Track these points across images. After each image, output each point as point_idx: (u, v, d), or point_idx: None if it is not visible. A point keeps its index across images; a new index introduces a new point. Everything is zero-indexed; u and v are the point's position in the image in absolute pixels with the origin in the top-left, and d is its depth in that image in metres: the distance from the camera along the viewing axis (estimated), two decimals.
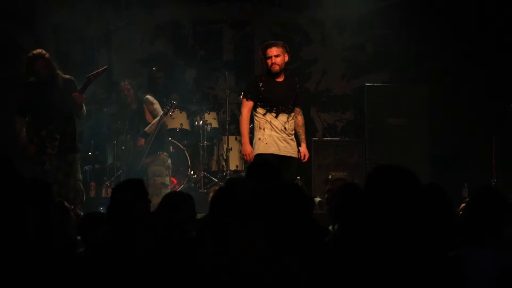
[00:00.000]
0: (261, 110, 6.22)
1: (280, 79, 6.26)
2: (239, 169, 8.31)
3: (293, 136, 6.29)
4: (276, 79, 6.24)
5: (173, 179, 7.72)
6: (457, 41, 8.63)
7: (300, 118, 6.39)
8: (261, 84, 6.21)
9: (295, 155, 6.25)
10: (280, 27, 9.53)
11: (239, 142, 8.23)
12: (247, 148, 6.13)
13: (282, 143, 6.18)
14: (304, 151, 6.30)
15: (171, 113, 7.54)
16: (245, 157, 6.17)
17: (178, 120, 8.47)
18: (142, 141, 7.26)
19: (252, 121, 6.30)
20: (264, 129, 6.18)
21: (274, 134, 6.16)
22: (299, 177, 7.65)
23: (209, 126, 8.50)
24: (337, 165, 8.17)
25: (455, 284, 2.86)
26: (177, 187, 7.99)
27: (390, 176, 2.84)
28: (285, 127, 6.20)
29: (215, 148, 8.70)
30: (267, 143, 6.14)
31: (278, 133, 6.17)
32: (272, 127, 6.17)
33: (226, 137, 8.42)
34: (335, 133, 9.38)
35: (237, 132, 8.59)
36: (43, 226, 3.39)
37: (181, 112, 8.49)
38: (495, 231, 3.05)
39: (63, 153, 6.21)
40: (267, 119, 6.19)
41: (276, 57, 6.15)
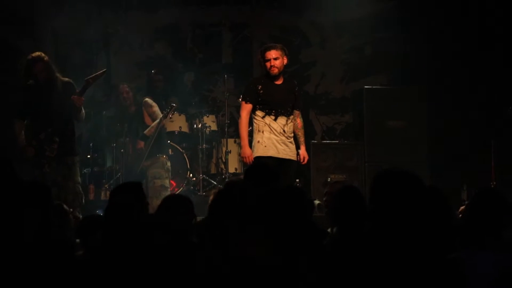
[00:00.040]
0: (260, 113, 6.22)
1: (279, 82, 6.27)
2: (238, 171, 8.30)
3: (292, 138, 6.28)
4: (275, 82, 6.25)
5: (172, 182, 7.71)
6: (456, 43, 8.62)
7: (299, 120, 6.39)
8: (260, 86, 6.21)
9: (294, 157, 6.25)
10: (279, 30, 9.53)
11: (238, 144, 8.23)
12: (247, 150, 6.13)
13: (281, 145, 6.18)
14: (304, 153, 6.30)
15: (170, 116, 7.53)
16: (244, 159, 6.17)
17: (177, 123, 8.47)
18: (141, 144, 7.25)
19: (251, 123, 6.30)
20: (263, 131, 6.18)
21: (273, 137, 6.16)
22: (298, 179, 7.64)
23: (208, 129, 8.49)
24: (336, 168, 8.16)
25: (454, 286, 2.86)
26: (176, 190, 7.98)
27: (395, 180, 2.84)
28: (284, 130, 6.20)
29: (214, 151, 8.70)
30: (266, 146, 6.14)
31: (277, 136, 6.17)
32: (271, 129, 6.17)
33: (225, 140, 8.41)
34: (334, 136, 9.37)
35: (236, 135, 8.59)
36: (42, 228, 3.39)
37: (180, 115, 8.48)
38: (495, 233, 3.04)
39: (62, 156, 6.21)
40: (266, 122, 6.19)
41: (275, 60, 6.15)
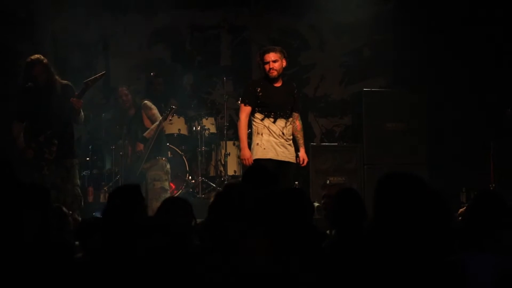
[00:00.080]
0: (259, 115, 6.22)
1: (278, 84, 6.27)
2: (237, 174, 8.30)
3: (291, 141, 6.29)
4: (274, 84, 6.25)
5: (171, 184, 7.70)
6: (455, 45, 8.62)
7: (298, 123, 6.40)
8: (259, 89, 6.21)
9: (293, 160, 6.25)
10: (278, 33, 9.53)
11: (237, 147, 8.24)
12: (246, 152, 6.13)
13: (280, 148, 6.18)
14: (303, 155, 6.30)
15: (170, 118, 7.53)
16: (244, 161, 6.17)
17: (176, 126, 8.48)
18: (141, 146, 7.25)
19: (250, 126, 6.30)
20: (262, 134, 6.18)
21: (272, 139, 6.16)
22: (297, 182, 7.64)
23: (207, 132, 8.49)
24: (335, 170, 8.16)
25: None
26: (175, 192, 7.98)
27: (402, 183, 2.85)
28: (283, 132, 6.20)
29: (213, 153, 8.69)
30: (265, 148, 6.14)
31: (276, 138, 6.17)
32: (270, 132, 6.17)
33: (224, 142, 8.41)
34: (333, 138, 9.36)
35: (235, 137, 8.59)
36: (41, 231, 3.39)
37: (179, 118, 8.49)
38: (494, 235, 3.04)
39: (61, 158, 6.21)
40: (265, 124, 6.19)
41: (274, 62, 6.15)
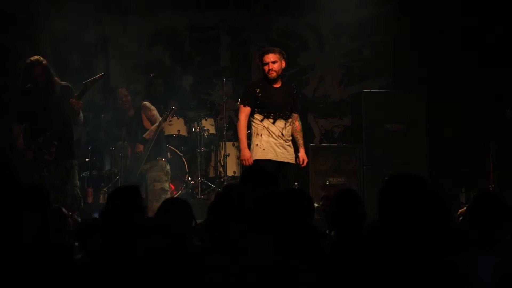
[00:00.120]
0: (258, 116, 6.22)
1: (277, 85, 6.28)
2: (236, 175, 8.29)
3: (290, 142, 6.29)
4: (274, 85, 6.25)
5: (171, 185, 7.70)
6: (455, 45, 8.62)
7: (298, 123, 6.40)
8: (258, 90, 6.21)
9: (292, 161, 6.26)
10: (277, 34, 9.53)
11: (237, 148, 8.24)
12: (246, 153, 6.13)
13: (280, 149, 6.18)
14: (303, 156, 6.31)
15: (170, 119, 7.53)
16: (244, 162, 6.16)
17: (176, 127, 8.47)
18: (141, 147, 7.24)
19: (249, 127, 6.30)
20: (261, 135, 6.18)
21: (271, 140, 6.16)
22: (296, 182, 7.64)
23: (206, 132, 8.49)
24: (335, 171, 8.16)
25: None
26: (175, 193, 7.97)
27: (406, 183, 2.85)
28: (282, 133, 6.20)
29: (213, 154, 8.69)
30: (264, 149, 6.14)
31: (276, 139, 6.17)
32: (270, 133, 6.17)
33: (223, 143, 8.40)
34: (332, 139, 9.35)
35: (234, 138, 8.59)
36: (41, 232, 3.39)
37: (178, 119, 8.48)
38: (494, 235, 3.05)
39: (60, 159, 6.20)
40: (264, 125, 6.19)
41: (273, 63, 6.16)
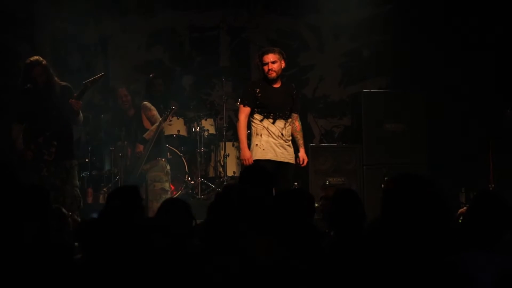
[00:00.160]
0: (258, 116, 6.23)
1: (277, 85, 6.28)
2: (236, 175, 8.29)
3: (290, 142, 6.29)
4: (273, 85, 6.25)
5: (171, 185, 7.70)
6: (454, 45, 8.62)
7: (298, 123, 6.40)
8: (258, 90, 6.21)
9: (292, 161, 6.26)
10: (277, 34, 9.54)
11: (237, 148, 8.24)
12: (246, 153, 6.12)
13: (279, 149, 6.18)
14: (303, 156, 6.31)
15: (170, 119, 7.52)
16: (244, 162, 6.16)
17: (175, 127, 8.47)
18: (141, 147, 7.24)
19: (249, 127, 6.30)
20: (261, 135, 6.18)
21: (271, 140, 6.16)
22: (296, 183, 7.64)
23: (206, 133, 8.49)
24: (335, 171, 8.15)
25: None
26: (175, 193, 7.97)
27: (412, 184, 2.86)
28: (282, 133, 6.21)
29: (212, 154, 8.69)
30: (264, 149, 6.14)
31: (275, 139, 6.17)
32: (269, 133, 6.17)
33: (223, 143, 8.40)
34: (332, 139, 9.36)
35: (234, 138, 8.60)
36: (41, 232, 3.39)
37: (178, 119, 8.49)
38: (494, 235, 3.05)
39: (60, 159, 6.20)
40: (264, 125, 6.19)
41: (273, 63, 6.16)
